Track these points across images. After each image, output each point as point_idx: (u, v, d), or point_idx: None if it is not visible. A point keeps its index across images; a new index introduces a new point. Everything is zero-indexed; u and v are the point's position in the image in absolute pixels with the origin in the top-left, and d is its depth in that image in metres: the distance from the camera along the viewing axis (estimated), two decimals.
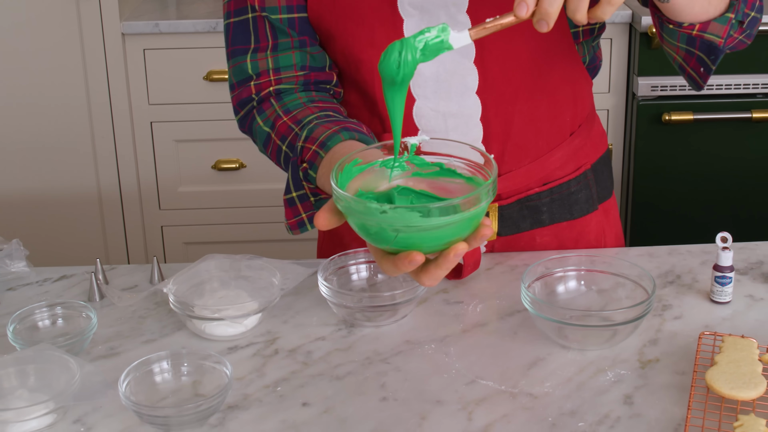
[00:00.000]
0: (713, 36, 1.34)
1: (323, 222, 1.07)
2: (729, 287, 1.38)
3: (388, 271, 1.04)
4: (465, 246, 1.01)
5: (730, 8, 1.33)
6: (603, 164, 1.63)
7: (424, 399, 1.21)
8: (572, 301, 1.37)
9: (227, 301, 1.37)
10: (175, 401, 1.20)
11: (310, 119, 1.39)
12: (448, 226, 0.99)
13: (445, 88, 1.44)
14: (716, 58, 1.38)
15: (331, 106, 1.45)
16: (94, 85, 3.00)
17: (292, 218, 1.42)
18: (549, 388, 1.22)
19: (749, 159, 3.02)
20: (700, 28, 1.33)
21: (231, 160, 3.09)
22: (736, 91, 2.95)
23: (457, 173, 1.10)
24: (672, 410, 1.17)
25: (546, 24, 1.05)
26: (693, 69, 1.41)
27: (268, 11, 1.43)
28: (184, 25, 2.94)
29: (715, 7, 1.32)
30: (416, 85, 1.44)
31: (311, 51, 1.46)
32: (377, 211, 0.98)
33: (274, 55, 1.46)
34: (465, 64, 1.43)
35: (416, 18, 1.40)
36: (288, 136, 1.41)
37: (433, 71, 1.43)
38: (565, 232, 1.57)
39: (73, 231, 3.15)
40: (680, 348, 1.29)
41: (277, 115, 1.44)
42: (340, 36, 1.43)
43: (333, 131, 1.34)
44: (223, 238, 3.15)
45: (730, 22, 1.33)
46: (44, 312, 1.36)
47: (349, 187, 1.07)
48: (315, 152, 1.34)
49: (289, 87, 1.47)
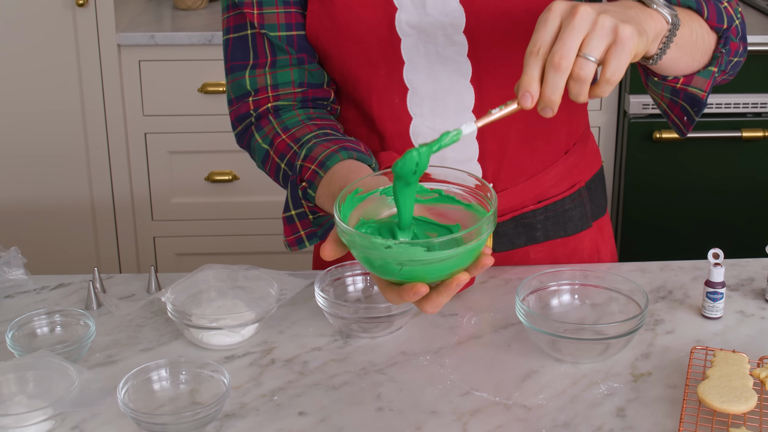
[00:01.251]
0: (696, 90, 1.36)
1: (329, 253, 1.09)
2: (720, 303, 1.40)
3: (393, 301, 1.06)
4: (467, 276, 1.04)
5: (713, 61, 1.35)
6: (597, 182, 1.64)
7: (420, 410, 1.22)
8: (566, 314, 1.39)
9: (224, 310, 1.38)
10: (172, 409, 1.21)
11: (309, 137, 1.40)
12: (451, 258, 1.01)
13: (442, 107, 1.45)
14: (699, 110, 1.40)
15: (328, 123, 1.46)
16: (89, 95, 3.01)
17: (290, 235, 1.43)
18: (543, 400, 1.24)
19: (739, 177, 3.04)
20: (684, 81, 1.35)
21: (224, 172, 3.10)
22: (727, 110, 2.97)
23: (456, 200, 1.12)
24: (664, 423, 1.19)
25: (550, 110, 1.09)
26: (677, 117, 1.43)
27: (267, 29, 1.45)
28: (179, 37, 2.96)
29: (699, 62, 1.34)
30: (413, 104, 1.45)
31: (309, 68, 1.48)
32: (382, 246, 1.00)
33: (273, 72, 1.47)
34: (461, 83, 1.44)
35: (413, 38, 1.42)
36: (287, 155, 1.42)
37: (430, 90, 1.44)
38: (559, 248, 1.59)
39: (66, 241, 3.15)
40: (672, 362, 1.31)
41: (275, 132, 1.45)
42: (338, 54, 1.45)
43: (332, 150, 1.35)
44: (216, 249, 3.16)
45: (713, 75, 1.36)
46: (43, 319, 1.37)
47: (351, 216, 1.09)
48: (314, 171, 1.35)
49: (287, 104, 1.48)
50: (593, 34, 1.07)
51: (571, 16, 1.08)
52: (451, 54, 1.42)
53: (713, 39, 1.35)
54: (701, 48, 1.32)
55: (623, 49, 1.08)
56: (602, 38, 1.08)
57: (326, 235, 1.43)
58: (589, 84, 1.09)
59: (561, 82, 1.07)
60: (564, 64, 1.07)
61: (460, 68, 1.43)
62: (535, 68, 1.08)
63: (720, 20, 1.33)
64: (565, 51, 1.07)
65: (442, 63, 1.42)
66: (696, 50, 1.31)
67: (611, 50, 1.08)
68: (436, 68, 1.43)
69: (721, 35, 1.35)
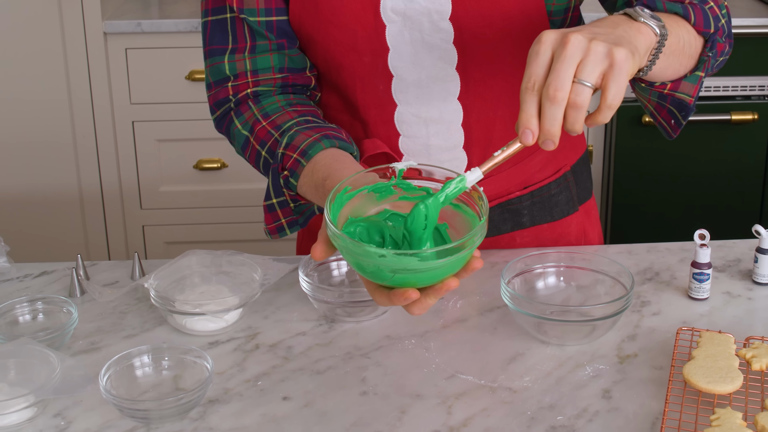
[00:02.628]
0: (684, 95, 1.35)
1: (320, 254, 1.10)
2: (707, 284, 1.40)
3: (381, 303, 1.07)
4: (456, 282, 1.05)
5: (700, 65, 1.33)
6: (582, 165, 1.64)
7: (404, 393, 1.21)
8: (551, 297, 1.38)
9: (208, 296, 1.37)
10: (155, 395, 1.21)
11: (290, 125, 1.40)
12: (443, 267, 1.02)
13: (427, 94, 1.44)
14: (686, 115, 1.39)
15: (309, 110, 1.45)
16: (75, 84, 2.99)
17: (271, 223, 1.43)
18: (528, 383, 1.23)
19: (728, 160, 3.04)
20: (671, 87, 1.33)
21: (213, 159, 3.09)
22: (716, 93, 2.97)
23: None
24: (650, 404, 1.18)
25: (552, 143, 1.08)
26: (664, 120, 1.42)
27: (247, 13, 1.43)
28: (166, 24, 2.94)
29: (686, 66, 1.32)
30: (397, 91, 1.44)
31: (289, 53, 1.46)
32: (375, 255, 1.00)
33: (252, 57, 1.46)
34: (447, 70, 1.43)
35: (398, 24, 1.40)
36: (268, 142, 1.41)
37: (415, 78, 1.43)
38: (546, 233, 1.58)
39: (54, 230, 3.14)
40: (658, 343, 1.30)
41: (255, 119, 1.44)
42: (322, 40, 1.44)
43: (314, 139, 1.34)
44: (205, 237, 3.15)
45: (700, 80, 1.34)
46: (25, 307, 1.36)
47: (340, 214, 1.10)
48: (296, 160, 1.34)
49: (267, 89, 1.47)
50: (587, 61, 1.06)
51: (562, 45, 1.07)
52: (436, 41, 1.41)
53: (700, 43, 1.33)
54: (688, 53, 1.30)
55: (620, 73, 1.07)
56: (597, 64, 1.07)
57: (307, 223, 1.43)
58: (585, 110, 1.08)
59: (559, 114, 1.06)
60: (560, 95, 1.06)
61: (445, 55, 1.42)
62: (532, 104, 1.07)
63: (707, 25, 1.31)
64: (559, 82, 1.06)
65: (428, 50, 1.41)
66: (683, 56, 1.29)
67: (608, 75, 1.07)
68: (421, 55, 1.42)
69: (708, 39, 1.33)
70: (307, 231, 1.67)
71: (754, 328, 1.34)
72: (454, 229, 1.12)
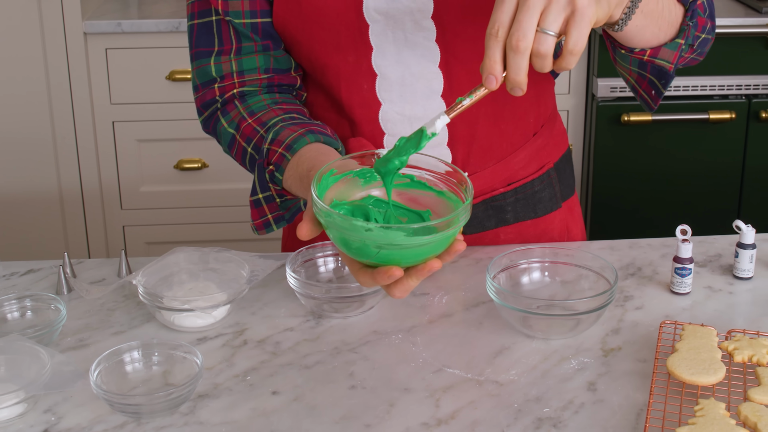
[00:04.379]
0: (663, 61, 1.38)
1: (306, 233, 1.10)
2: (688, 278, 1.42)
3: (364, 283, 1.08)
4: (439, 263, 1.06)
5: (680, 33, 1.37)
6: (565, 162, 1.65)
7: (392, 387, 1.23)
8: (536, 291, 1.40)
9: (196, 292, 1.38)
10: (145, 390, 1.21)
11: (275, 121, 1.41)
12: (428, 244, 1.04)
13: (411, 92, 1.46)
14: (666, 83, 1.42)
15: (294, 107, 1.46)
16: (55, 84, 2.99)
17: (258, 219, 1.44)
18: (514, 376, 1.24)
19: (706, 159, 3.07)
20: (651, 53, 1.36)
21: (193, 159, 3.09)
22: (694, 93, 3.00)
23: (428, 186, 1.15)
24: (634, 396, 1.20)
25: (519, 89, 1.10)
26: (645, 91, 1.46)
27: (232, 15, 1.44)
28: (146, 24, 2.94)
29: (666, 33, 1.35)
30: (382, 90, 1.46)
31: (275, 54, 1.48)
32: (362, 228, 1.02)
33: (238, 59, 1.47)
34: (430, 68, 1.44)
35: (381, 23, 1.42)
36: (253, 138, 1.42)
37: (398, 75, 1.45)
38: (530, 229, 1.60)
39: (34, 230, 3.14)
40: (642, 337, 1.32)
41: (241, 117, 1.45)
42: (306, 41, 1.45)
43: (299, 134, 1.36)
44: (186, 237, 3.15)
45: (680, 47, 1.37)
46: (13, 304, 1.37)
47: (325, 197, 1.11)
48: (281, 155, 1.35)
49: (253, 89, 1.48)
50: (550, 9, 1.08)
51: None
52: (419, 39, 1.42)
53: (680, 12, 1.36)
54: (667, 19, 1.33)
55: (582, 19, 1.09)
56: (559, 11, 1.08)
57: (294, 218, 1.44)
58: (551, 57, 1.10)
59: (524, 63, 1.09)
60: (522, 45, 1.08)
61: (428, 53, 1.43)
62: (496, 50, 1.10)
63: None
64: (522, 32, 1.08)
65: (411, 48, 1.43)
66: (662, 20, 1.32)
67: (570, 21, 1.09)
68: (404, 54, 1.43)
69: (688, 8, 1.36)
70: (292, 228, 1.68)
71: (735, 321, 1.36)
72: (438, 216, 1.13)
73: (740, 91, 3.00)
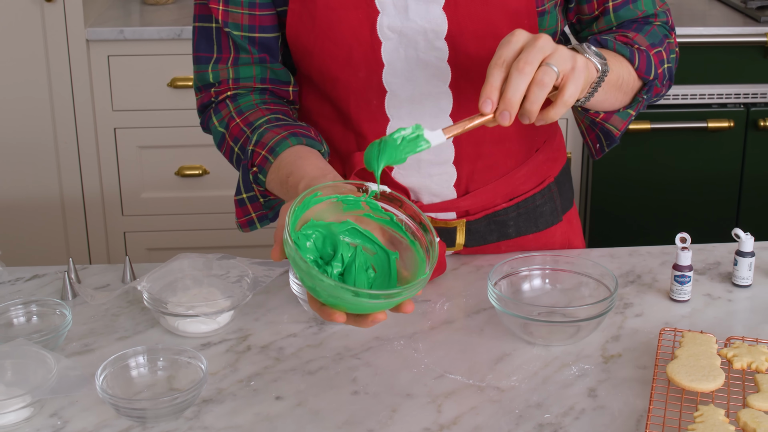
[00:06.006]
0: (612, 127, 1.48)
1: (278, 256, 1.13)
2: (688, 286, 1.43)
3: (312, 308, 1.12)
4: (384, 315, 1.11)
5: (633, 104, 1.46)
6: (564, 175, 1.67)
7: (395, 392, 1.24)
8: (537, 298, 1.41)
9: (200, 298, 1.39)
10: (150, 395, 1.22)
11: (261, 122, 1.43)
12: (374, 305, 1.08)
13: (419, 110, 1.46)
14: (610, 144, 1.52)
15: (281, 108, 1.49)
16: (58, 90, 3.00)
17: (242, 217, 1.49)
18: (515, 382, 1.26)
19: (704, 167, 3.08)
20: (603, 117, 1.47)
21: (194, 166, 3.10)
22: (693, 101, 3.01)
23: (404, 230, 1.17)
24: (634, 402, 1.21)
25: (508, 115, 1.17)
26: (591, 141, 1.55)
27: (231, 27, 1.46)
28: (148, 31, 2.95)
29: (621, 102, 1.45)
30: (391, 106, 1.47)
31: (272, 66, 1.50)
32: (317, 277, 1.05)
33: (235, 67, 1.49)
34: (440, 88, 1.45)
35: (394, 41, 1.43)
36: (240, 139, 1.45)
37: (408, 94, 1.45)
38: (531, 243, 1.61)
39: (36, 236, 3.14)
40: (641, 344, 1.33)
41: (231, 116, 1.48)
42: (318, 54, 1.46)
43: (282, 137, 1.38)
44: (187, 244, 3.16)
45: (630, 118, 1.47)
46: (19, 309, 1.38)
47: (303, 216, 1.14)
48: (264, 157, 1.38)
49: (246, 91, 1.50)
50: (556, 55, 1.18)
51: (534, 39, 1.17)
52: (431, 59, 1.43)
53: (639, 84, 1.45)
54: (625, 90, 1.42)
55: (579, 76, 1.20)
56: (563, 60, 1.18)
57: (276, 217, 1.47)
58: (547, 92, 1.17)
59: (523, 85, 1.15)
60: (528, 69, 1.15)
61: (439, 73, 1.44)
62: (497, 77, 1.17)
63: (648, 72, 1.44)
64: (530, 58, 1.16)
65: (422, 67, 1.44)
66: (620, 93, 1.41)
67: (569, 75, 1.19)
68: (415, 72, 1.44)
69: (646, 83, 1.45)
70: None
71: (734, 328, 1.37)
72: (402, 263, 1.16)
73: (738, 100, 3.01)
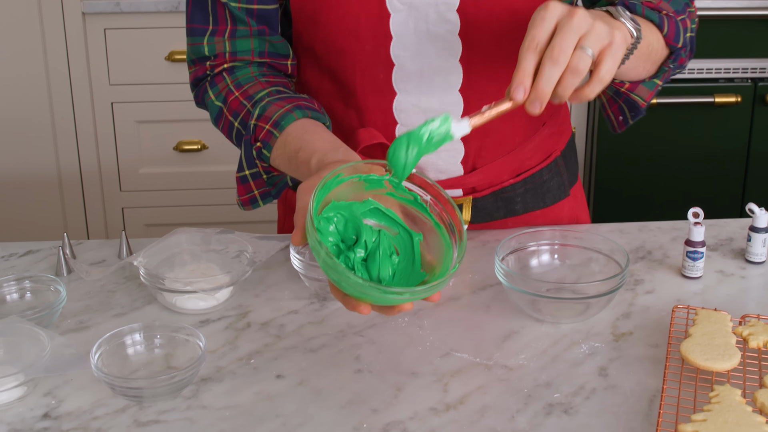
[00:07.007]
0: (638, 98, 1.42)
1: (299, 241, 1.09)
2: (700, 262, 1.39)
3: (335, 296, 1.07)
4: (410, 305, 1.06)
5: (659, 73, 1.40)
6: (570, 149, 1.63)
7: (399, 371, 1.20)
8: (545, 274, 1.37)
9: (198, 274, 1.35)
10: (147, 373, 1.19)
11: (262, 95, 1.38)
12: (400, 300, 1.04)
13: (428, 84, 1.43)
14: (635, 116, 1.46)
15: (281, 80, 1.44)
16: (54, 65, 2.96)
17: (244, 195, 1.43)
18: (524, 360, 1.22)
19: (711, 142, 3.04)
20: (629, 87, 1.40)
21: (193, 141, 3.06)
22: (699, 76, 2.97)
23: (428, 212, 1.12)
24: (647, 381, 1.17)
25: (539, 104, 1.11)
26: (613, 113, 1.48)
27: None
28: (145, 3, 2.91)
29: (648, 71, 1.39)
30: (398, 80, 1.43)
31: (271, 39, 1.45)
32: (343, 272, 1.00)
33: (232, 40, 1.44)
34: (450, 62, 1.41)
35: (404, 13, 1.38)
36: (240, 113, 1.40)
37: (417, 67, 1.41)
38: (539, 219, 1.58)
39: (33, 212, 3.11)
40: (653, 321, 1.30)
41: (228, 89, 1.43)
42: (324, 24, 1.41)
43: (286, 110, 1.34)
44: (185, 219, 3.12)
45: (656, 88, 1.41)
46: (12, 286, 1.34)
47: (325, 199, 1.09)
48: (269, 132, 1.33)
49: (243, 64, 1.45)
50: (591, 33, 1.11)
51: (569, 16, 1.11)
52: (441, 32, 1.39)
53: (666, 53, 1.39)
54: (653, 59, 1.37)
55: (617, 51, 1.13)
56: (600, 38, 1.11)
57: (280, 194, 1.43)
58: (581, 78, 1.12)
59: (556, 75, 1.10)
60: (562, 58, 1.09)
61: (449, 47, 1.40)
62: (530, 63, 1.11)
63: (677, 39, 1.37)
64: (564, 45, 1.10)
65: (432, 40, 1.40)
66: (648, 62, 1.36)
67: (606, 51, 1.13)
68: (425, 45, 1.40)
69: (674, 51, 1.39)
70: (287, 211, 1.65)
71: (747, 306, 1.34)
72: (426, 245, 1.12)
73: (746, 75, 2.97)
